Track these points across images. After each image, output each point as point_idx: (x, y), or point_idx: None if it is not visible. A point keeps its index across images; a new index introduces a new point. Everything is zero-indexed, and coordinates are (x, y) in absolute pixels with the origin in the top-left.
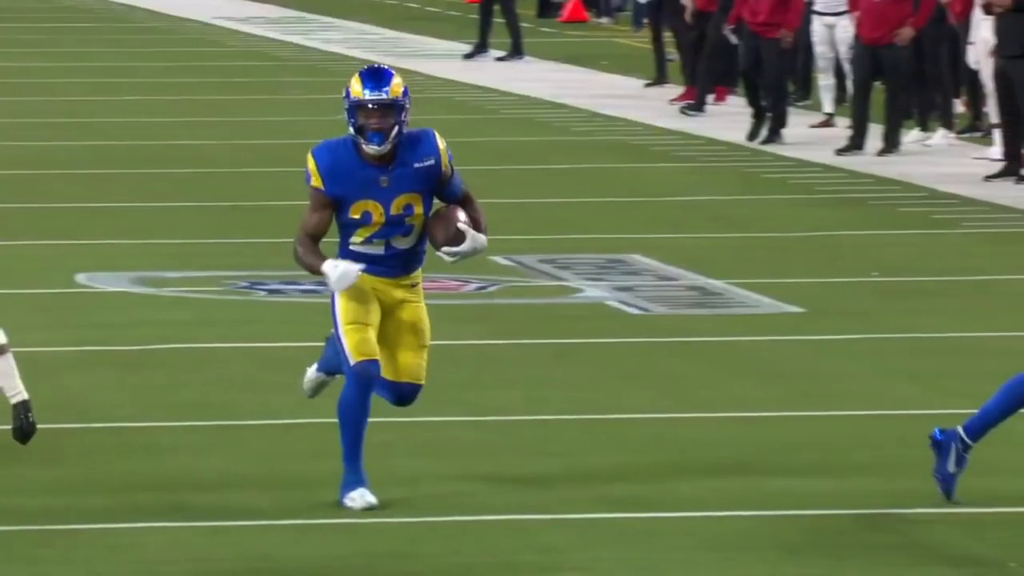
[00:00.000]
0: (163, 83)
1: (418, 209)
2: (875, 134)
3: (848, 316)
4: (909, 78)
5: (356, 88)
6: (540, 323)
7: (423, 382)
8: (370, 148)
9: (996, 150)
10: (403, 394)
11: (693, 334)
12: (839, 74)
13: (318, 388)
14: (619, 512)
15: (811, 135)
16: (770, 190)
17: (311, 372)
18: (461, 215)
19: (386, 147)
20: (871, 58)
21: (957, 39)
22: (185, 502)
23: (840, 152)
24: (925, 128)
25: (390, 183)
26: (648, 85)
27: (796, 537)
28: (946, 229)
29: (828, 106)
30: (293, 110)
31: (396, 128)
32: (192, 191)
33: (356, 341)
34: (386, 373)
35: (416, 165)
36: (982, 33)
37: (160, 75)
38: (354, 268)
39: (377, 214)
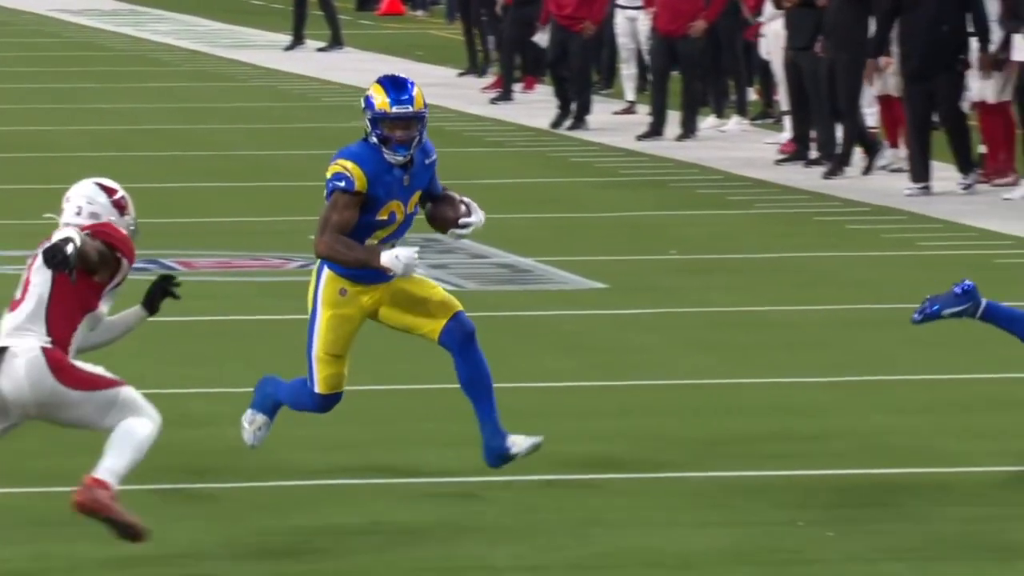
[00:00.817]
0: (1, 72)
1: (419, 206)
2: (673, 121)
3: (649, 291)
4: (705, 68)
5: (380, 100)
6: None
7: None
8: (396, 158)
9: (787, 135)
10: (464, 324)
11: (504, 309)
12: (641, 64)
13: (263, 430)
14: (433, 476)
15: (614, 122)
16: (576, 173)
17: (250, 416)
18: (459, 196)
19: (409, 155)
20: (668, 49)
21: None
22: None
23: (641, 138)
24: (720, 115)
25: (410, 182)
26: (461, 74)
27: (598, 500)
28: (740, 210)
29: (630, 94)
30: (127, 97)
31: (419, 137)
32: (31, 175)
33: (328, 374)
34: (431, 328)
35: (426, 162)
36: (773, 26)
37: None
38: (412, 252)
39: (400, 213)
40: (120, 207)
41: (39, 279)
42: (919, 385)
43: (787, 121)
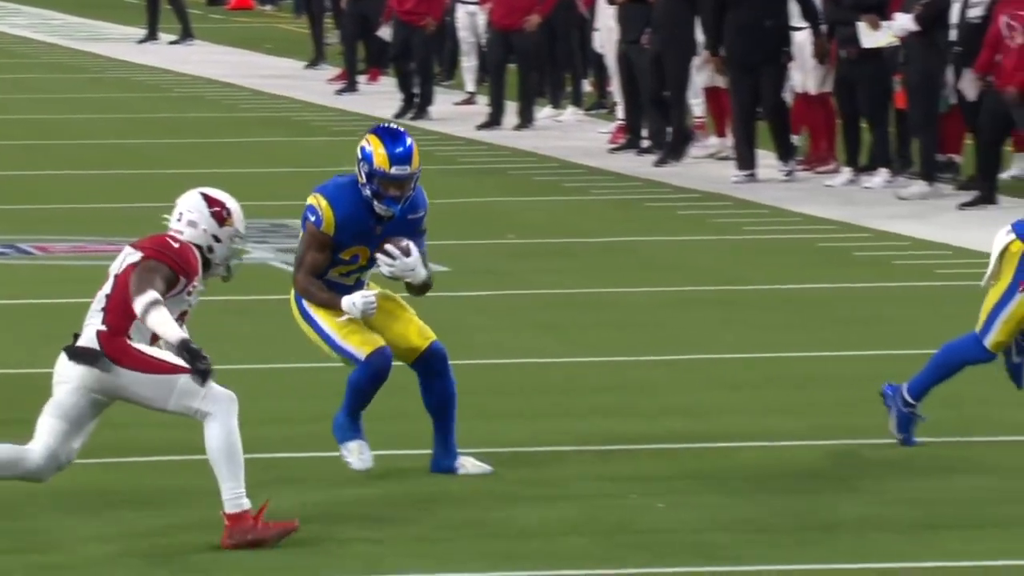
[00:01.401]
0: None
1: None
2: (511, 111)
3: (488, 274)
4: (541, 60)
5: (380, 157)
6: (213, 282)
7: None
8: (386, 212)
9: (617, 124)
10: (440, 352)
11: None
12: (481, 57)
13: (365, 451)
14: (297, 451)
15: (455, 112)
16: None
17: (346, 450)
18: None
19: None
20: (504, 42)
21: (585, 25)
22: None
23: (481, 127)
24: (557, 106)
25: (382, 232)
26: (307, 66)
27: (432, 488)
28: (576, 196)
29: (470, 86)
30: None
31: (411, 194)
32: None
33: (359, 340)
34: (408, 349)
35: (409, 216)
36: (606, 21)
37: None
38: (370, 297)
39: (363, 257)
40: (220, 219)
41: (109, 281)
42: (745, 363)
43: (619, 111)
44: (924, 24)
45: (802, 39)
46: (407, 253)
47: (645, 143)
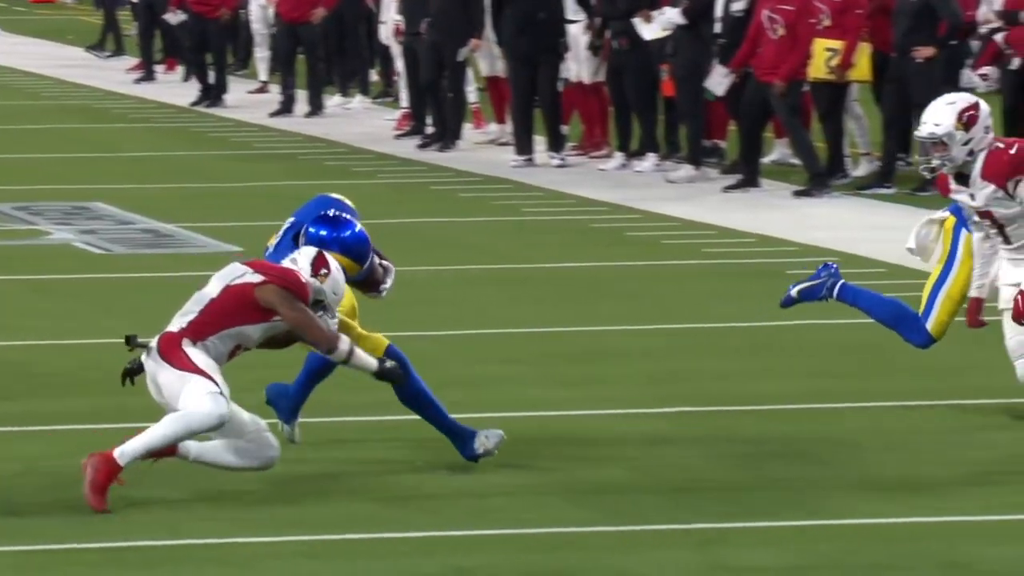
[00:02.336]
0: None
1: None
2: (302, 99)
3: None
4: (330, 51)
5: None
6: (17, 262)
7: None
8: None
9: (401, 112)
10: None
11: (149, 271)
12: (273, 47)
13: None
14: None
15: (249, 100)
16: (214, 147)
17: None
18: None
19: None
20: (291, 34)
21: (372, 17)
22: None
23: (273, 114)
24: (345, 94)
25: None
26: (108, 57)
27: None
28: (364, 179)
29: (263, 75)
30: None
31: None
32: None
33: None
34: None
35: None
36: (391, 13)
37: None
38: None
39: None
40: (320, 277)
41: (215, 287)
42: (524, 337)
43: (404, 99)
44: (690, 17)
45: (576, 31)
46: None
47: (429, 130)
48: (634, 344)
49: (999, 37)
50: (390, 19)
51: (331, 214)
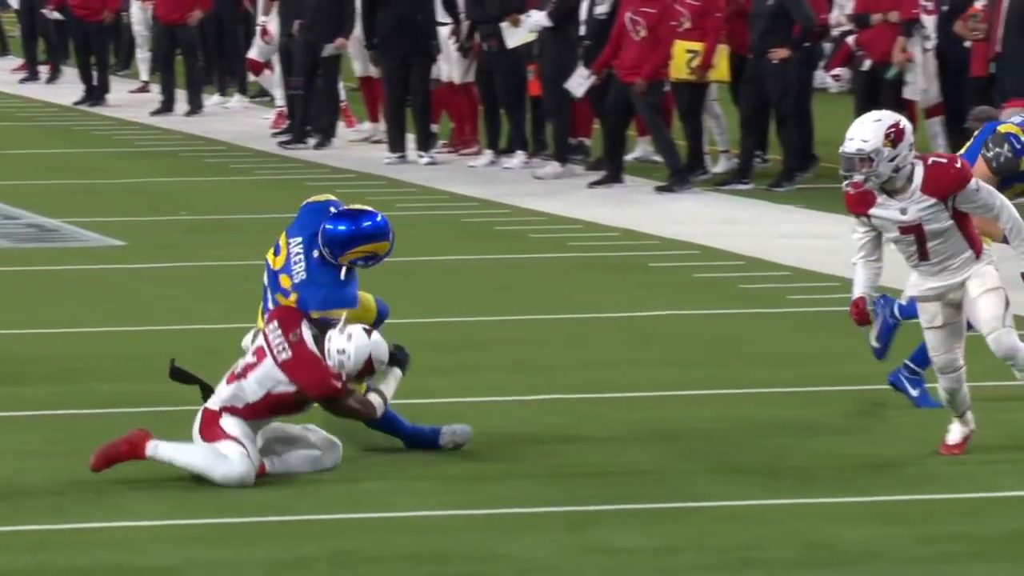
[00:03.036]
0: None
1: None
2: (182, 98)
3: (162, 248)
4: (208, 51)
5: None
6: None
7: None
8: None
9: (276, 111)
10: None
11: (34, 264)
12: (154, 48)
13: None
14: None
15: (130, 99)
16: (97, 144)
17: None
18: None
19: None
20: (169, 35)
21: (250, 19)
22: None
23: (154, 113)
24: (224, 93)
25: None
26: None
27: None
28: (242, 176)
29: (144, 75)
30: None
31: None
32: None
33: None
34: None
35: None
36: (263, 17)
37: None
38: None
39: None
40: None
41: (254, 388)
42: (398, 327)
43: (278, 98)
44: (556, 20)
45: (446, 33)
46: None
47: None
48: (504, 334)
49: (851, 39)
50: (262, 21)
51: (344, 208)
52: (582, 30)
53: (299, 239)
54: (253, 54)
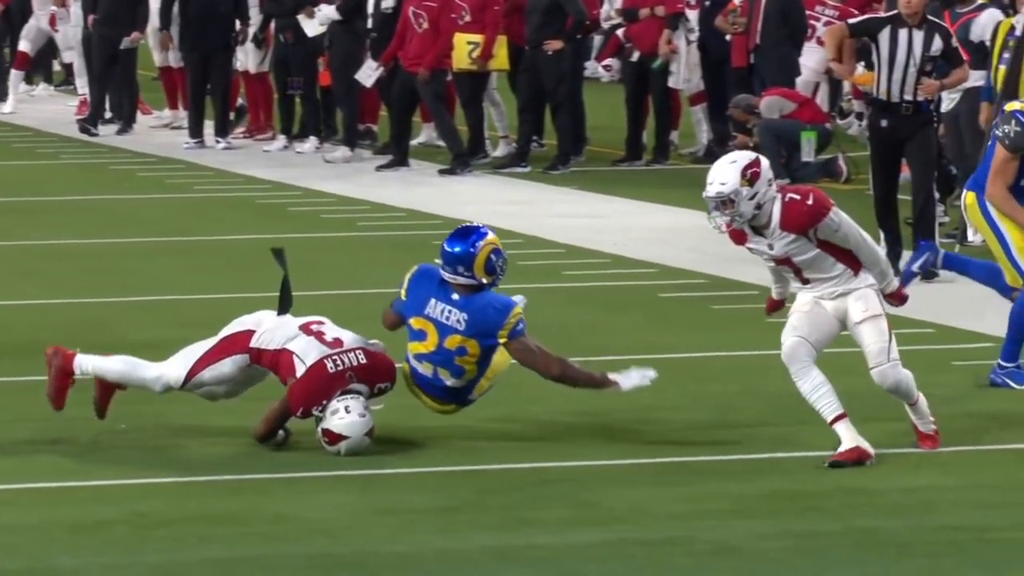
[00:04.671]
0: None
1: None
2: None
3: None
4: (14, 41)
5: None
6: None
7: None
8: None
9: (80, 99)
10: None
11: None
12: None
13: None
14: None
15: None
16: None
17: None
18: None
19: None
20: None
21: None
22: None
23: None
24: (30, 82)
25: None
26: None
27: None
28: (48, 160)
29: None
30: None
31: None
32: None
33: None
34: None
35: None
36: (74, 10)
37: None
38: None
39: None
40: None
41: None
42: (197, 303)
43: (81, 88)
44: (345, 13)
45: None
46: None
47: (108, 114)
48: (296, 309)
49: (620, 32)
50: (74, 14)
51: (460, 229)
52: (369, 23)
53: (431, 302)
54: (24, 47)
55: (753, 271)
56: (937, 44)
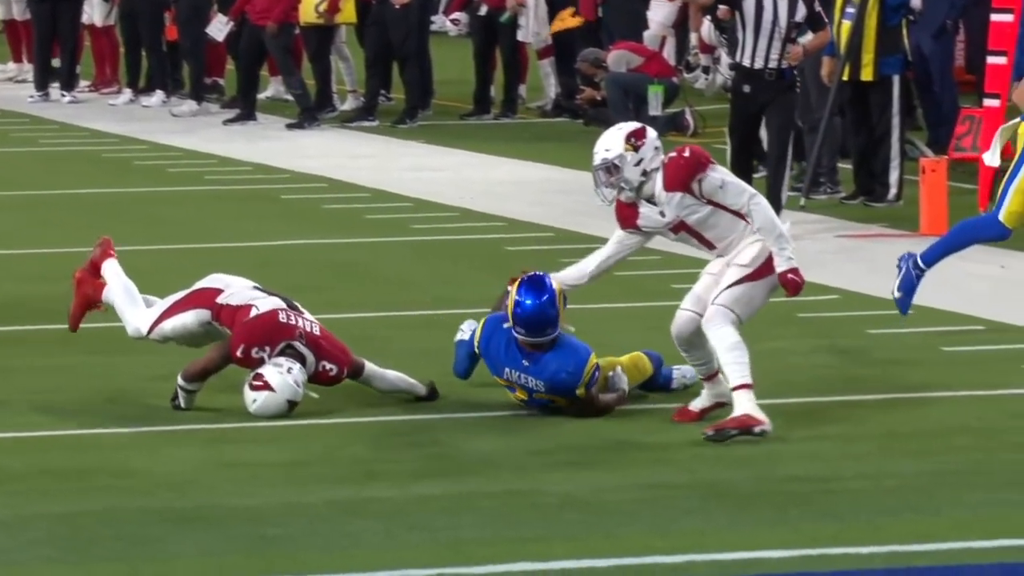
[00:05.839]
0: None
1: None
2: None
3: None
4: None
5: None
6: None
7: None
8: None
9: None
10: None
11: None
12: None
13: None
14: None
15: None
16: None
17: None
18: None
19: None
20: None
21: None
22: None
23: None
24: None
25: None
26: None
27: None
28: None
29: None
30: None
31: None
32: None
33: None
34: None
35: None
36: None
37: None
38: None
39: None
40: None
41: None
42: (49, 257)
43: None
44: None
45: None
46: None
47: None
48: (140, 263)
49: None
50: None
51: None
52: None
53: (507, 371)
54: None
55: (597, 224)
56: (802, 11)
